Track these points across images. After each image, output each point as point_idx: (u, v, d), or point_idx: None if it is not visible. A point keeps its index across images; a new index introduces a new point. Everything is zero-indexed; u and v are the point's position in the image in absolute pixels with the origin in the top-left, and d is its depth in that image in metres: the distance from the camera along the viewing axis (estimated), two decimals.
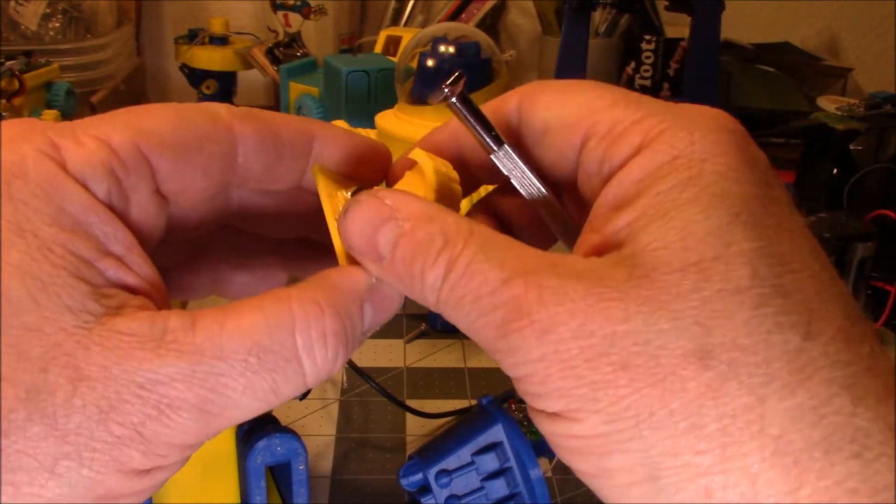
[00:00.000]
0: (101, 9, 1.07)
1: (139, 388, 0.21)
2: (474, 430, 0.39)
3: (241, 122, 0.26)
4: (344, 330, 0.22)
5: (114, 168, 0.23)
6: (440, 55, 0.59)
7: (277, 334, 0.22)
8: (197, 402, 0.21)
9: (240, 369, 0.21)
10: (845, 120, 0.77)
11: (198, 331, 0.21)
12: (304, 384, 0.22)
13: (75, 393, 0.20)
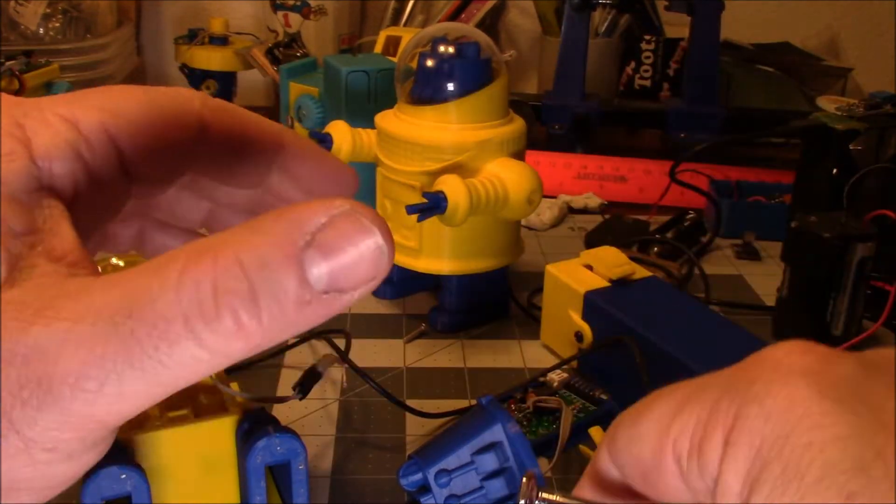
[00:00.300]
0: (101, 9, 1.07)
1: (6, 365, 0.18)
2: (474, 429, 0.39)
3: (212, 113, 0.25)
4: (244, 283, 0.18)
5: (80, 149, 0.22)
6: (440, 55, 0.59)
7: (158, 291, 0.18)
8: (68, 378, 0.18)
9: (111, 334, 0.18)
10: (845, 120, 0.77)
11: (84, 294, 0.19)
12: (206, 353, 0.18)
13: None
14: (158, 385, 0.18)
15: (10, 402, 0.18)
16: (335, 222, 0.19)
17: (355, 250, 0.19)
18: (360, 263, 0.19)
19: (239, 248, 0.18)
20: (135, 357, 0.18)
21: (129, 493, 0.36)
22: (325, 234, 0.19)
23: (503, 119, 0.60)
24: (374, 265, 0.19)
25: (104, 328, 0.18)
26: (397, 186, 0.60)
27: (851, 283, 0.59)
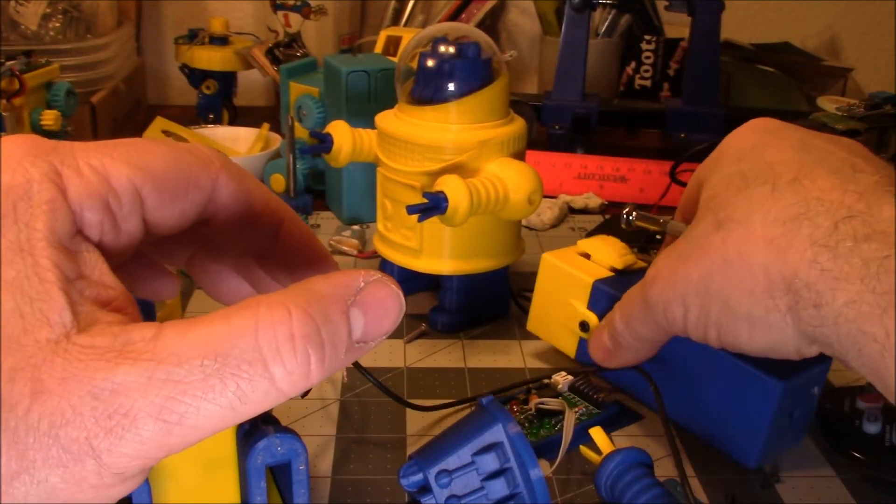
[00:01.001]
0: (101, 9, 1.07)
1: (93, 399, 0.20)
2: (474, 429, 0.39)
3: (227, 176, 0.28)
4: (317, 332, 0.22)
5: (108, 200, 0.24)
6: (440, 55, 0.59)
7: (238, 337, 0.21)
8: (153, 411, 0.21)
9: (198, 374, 0.21)
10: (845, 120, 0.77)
11: (159, 339, 0.21)
12: (276, 390, 0.22)
13: (32, 406, 0.20)
14: (229, 420, 0.21)
15: (95, 431, 0.20)
16: (371, 287, 0.24)
17: (385, 310, 0.24)
18: (386, 321, 0.24)
19: (306, 304, 0.22)
20: (217, 394, 0.21)
21: (129, 492, 0.36)
22: (365, 296, 0.23)
23: (503, 119, 0.60)
24: (395, 321, 0.24)
25: (189, 368, 0.21)
26: (397, 186, 0.60)
27: None
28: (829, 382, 0.59)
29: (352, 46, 1.20)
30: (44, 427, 0.20)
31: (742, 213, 0.36)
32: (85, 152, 0.25)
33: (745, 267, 0.35)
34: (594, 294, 0.53)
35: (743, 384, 0.44)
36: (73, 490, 0.21)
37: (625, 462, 0.43)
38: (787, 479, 0.49)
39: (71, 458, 0.20)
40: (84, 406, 0.20)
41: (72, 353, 0.21)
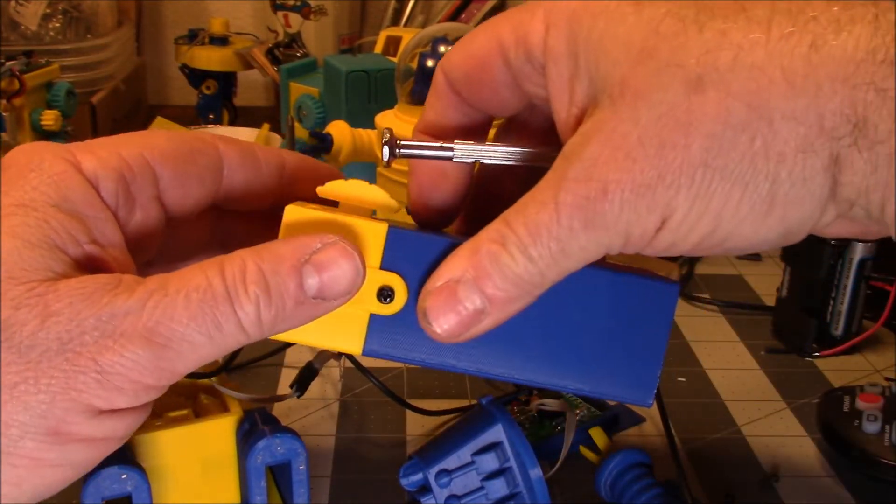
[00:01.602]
0: (101, 9, 1.07)
1: (97, 321, 0.24)
2: (474, 429, 0.39)
3: (224, 143, 0.31)
4: (264, 281, 0.25)
5: (123, 172, 0.28)
6: (440, 55, 0.59)
7: (209, 278, 0.25)
8: (146, 332, 0.24)
9: (182, 303, 0.24)
10: None
11: (146, 281, 0.25)
12: (242, 327, 0.25)
13: (42, 326, 0.23)
14: (207, 349, 0.25)
15: (99, 348, 0.24)
16: (327, 248, 0.26)
17: (339, 269, 0.26)
18: (341, 279, 0.26)
19: (259, 259, 0.26)
20: (198, 323, 0.24)
21: (129, 493, 0.36)
22: (319, 255, 0.26)
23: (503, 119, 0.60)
24: (352, 282, 0.27)
25: (175, 298, 0.24)
26: (397, 186, 0.60)
27: (851, 283, 0.59)
28: (829, 382, 0.59)
29: (352, 46, 1.20)
30: (53, 345, 0.23)
31: (726, 60, 0.23)
32: (97, 141, 0.28)
33: (765, 123, 0.23)
34: (392, 245, 0.30)
35: (629, 301, 0.31)
36: (70, 407, 0.23)
37: (625, 462, 0.43)
38: (787, 479, 0.49)
39: (77, 370, 0.23)
40: (89, 326, 0.24)
41: (77, 284, 0.24)
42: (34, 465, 0.24)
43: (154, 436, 0.38)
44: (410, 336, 0.30)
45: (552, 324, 0.30)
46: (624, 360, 0.31)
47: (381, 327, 0.30)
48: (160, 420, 0.40)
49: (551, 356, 0.30)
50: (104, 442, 0.25)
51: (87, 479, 0.35)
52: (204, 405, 0.42)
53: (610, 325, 0.31)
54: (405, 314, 0.29)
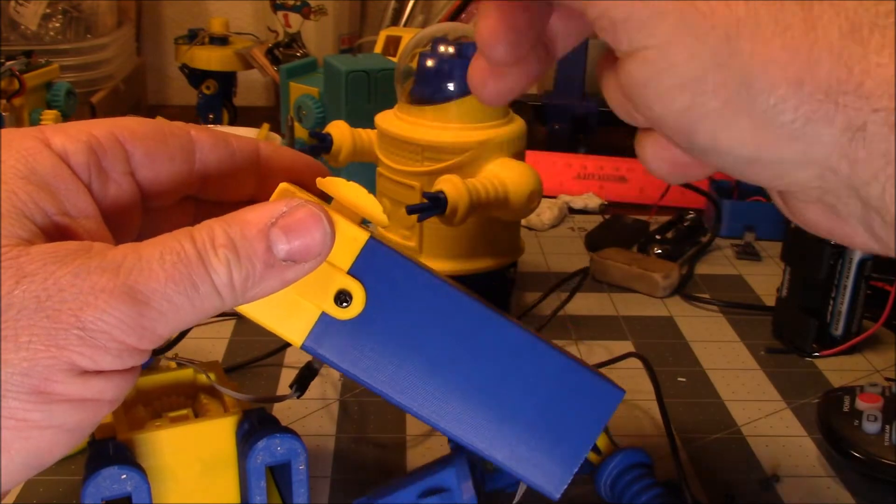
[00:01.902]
0: (101, 9, 1.07)
1: (74, 277, 0.24)
2: (427, 471, 0.39)
3: (196, 129, 0.32)
4: (232, 245, 0.26)
5: (93, 147, 0.28)
6: (440, 55, 0.59)
7: (181, 242, 0.25)
8: (126, 289, 0.24)
9: (157, 264, 0.25)
10: None
11: (118, 248, 0.25)
12: (217, 289, 0.25)
13: (17, 287, 0.23)
14: (188, 312, 0.25)
15: (80, 304, 0.23)
16: (293, 211, 0.27)
17: (307, 231, 0.26)
18: (310, 241, 0.27)
19: (227, 225, 0.26)
20: (176, 283, 0.25)
21: (129, 493, 0.36)
22: (286, 218, 0.26)
23: (503, 119, 0.60)
24: (321, 243, 0.27)
25: (150, 258, 0.25)
26: (397, 186, 0.60)
27: (851, 283, 0.59)
28: (829, 382, 0.59)
29: (352, 46, 1.20)
30: (30, 304, 0.23)
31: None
32: (70, 123, 0.29)
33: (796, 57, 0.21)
34: (367, 254, 0.30)
35: (575, 392, 0.31)
36: (52, 365, 0.23)
37: (625, 462, 0.43)
38: (787, 479, 0.49)
39: (58, 327, 0.23)
40: (66, 283, 0.24)
41: (45, 250, 0.24)
42: (20, 427, 0.23)
43: (154, 436, 0.38)
44: (353, 347, 0.29)
45: (495, 387, 0.30)
46: (549, 447, 0.31)
47: (327, 328, 0.29)
48: (160, 420, 0.40)
49: (483, 418, 0.30)
50: (92, 404, 0.24)
51: (87, 479, 0.35)
52: (204, 405, 0.42)
53: (548, 410, 0.30)
54: (355, 324, 0.29)
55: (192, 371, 0.44)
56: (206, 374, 0.42)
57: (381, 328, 0.30)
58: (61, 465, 0.48)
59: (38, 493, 0.46)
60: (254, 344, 0.61)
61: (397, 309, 0.30)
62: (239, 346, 0.60)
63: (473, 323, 0.30)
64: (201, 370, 0.43)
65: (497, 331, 0.30)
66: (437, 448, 0.50)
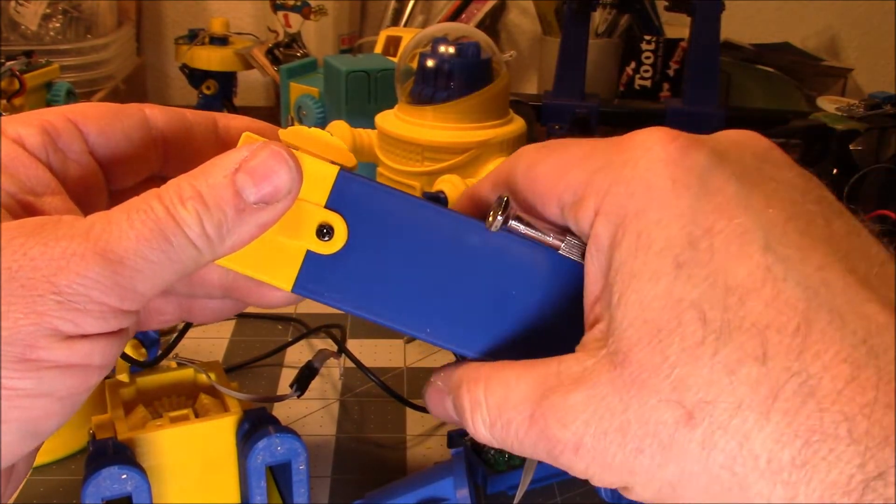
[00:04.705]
0: (101, 9, 1.07)
1: (44, 247, 0.24)
2: (425, 479, 0.39)
3: (149, 107, 0.32)
4: (198, 193, 0.26)
5: (46, 128, 0.29)
6: (440, 55, 0.59)
7: (148, 201, 0.25)
8: (98, 251, 0.24)
9: (127, 223, 0.25)
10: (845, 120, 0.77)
11: (88, 217, 0.25)
12: (191, 241, 0.25)
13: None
14: (167, 270, 0.25)
15: (52, 268, 0.23)
16: (256, 153, 0.26)
17: (271, 169, 0.26)
18: (276, 180, 0.26)
19: (191, 178, 0.26)
20: (147, 241, 0.25)
21: (129, 493, 0.36)
22: (249, 161, 0.26)
23: (503, 119, 0.60)
24: (289, 180, 0.27)
25: (119, 218, 0.25)
26: (397, 186, 0.61)
27: None
28: None
29: (352, 46, 1.20)
30: (3, 274, 0.23)
31: (725, 412, 0.22)
32: (23, 113, 0.29)
33: (742, 492, 0.23)
34: (340, 186, 0.29)
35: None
36: (35, 331, 0.23)
37: None
38: None
39: (34, 294, 0.23)
40: (38, 253, 0.24)
41: (12, 226, 0.24)
42: (11, 397, 0.23)
43: (154, 436, 0.38)
44: (343, 280, 0.29)
45: (492, 292, 0.29)
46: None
47: (315, 267, 0.29)
48: (160, 420, 0.40)
49: (489, 324, 0.30)
50: (81, 369, 0.25)
51: (87, 479, 0.35)
52: (204, 405, 0.42)
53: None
54: (341, 257, 0.29)
55: (193, 371, 0.44)
56: (206, 374, 0.43)
57: (367, 255, 0.29)
58: (61, 465, 0.48)
59: (38, 493, 0.46)
60: (254, 344, 0.61)
61: (380, 233, 0.29)
62: (239, 346, 0.60)
63: (454, 232, 0.29)
64: (201, 370, 0.43)
65: (478, 235, 0.29)
66: (437, 448, 0.50)
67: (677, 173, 0.24)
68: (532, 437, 0.25)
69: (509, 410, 0.26)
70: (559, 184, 0.27)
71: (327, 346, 0.59)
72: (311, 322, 0.63)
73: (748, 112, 1.05)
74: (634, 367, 0.23)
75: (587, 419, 0.24)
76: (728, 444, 0.22)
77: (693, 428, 0.23)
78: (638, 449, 0.23)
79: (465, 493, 0.38)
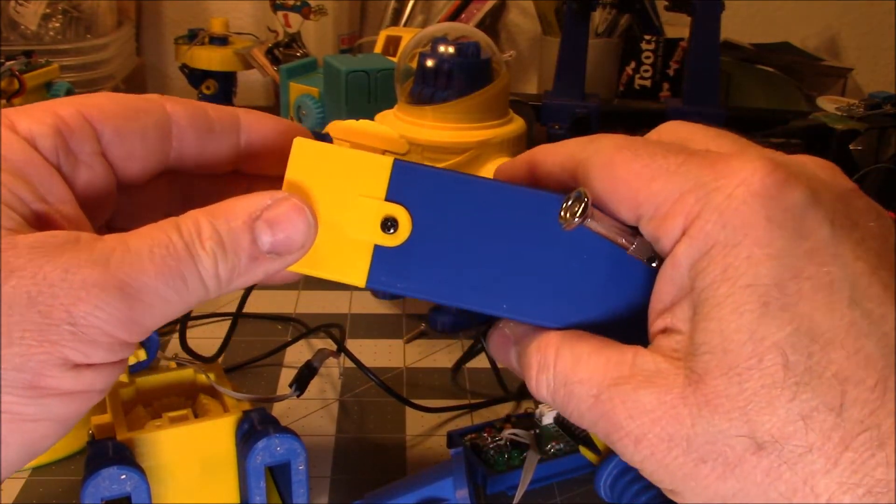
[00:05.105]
0: (101, 9, 1.07)
1: (64, 273, 0.23)
2: (425, 479, 0.39)
3: (172, 102, 0.31)
4: (218, 235, 0.26)
5: (59, 128, 0.27)
6: (440, 55, 0.59)
7: (168, 234, 0.25)
8: (117, 284, 0.24)
9: (147, 257, 0.25)
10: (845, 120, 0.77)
11: (105, 239, 0.25)
12: (203, 281, 0.26)
13: (6, 282, 0.23)
14: (177, 304, 0.25)
15: (71, 299, 0.23)
16: (278, 203, 0.27)
17: (291, 224, 0.27)
18: (293, 234, 0.27)
19: (212, 217, 0.26)
20: (166, 278, 0.25)
21: (129, 493, 0.36)
22: (270, 211, 0.27)
23: (503, 119, 0.60)
24: (305, 236, 0.27)
25: (139, 254, 0.25)
26: None
27: None
28: None
29: (352, 46, 1.20)
30: (21, 299, 0.23)
31: (793, 452, 0.23)
32: (35, 105, 0.28)
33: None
34: (397, 177, 0.30)
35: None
36: (46, 361, 0.23)
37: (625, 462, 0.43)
38: None
39: (50, 323, 0.23)
40: (56, 279, 0.23)
41: (36, 241, 0.24)
42: (15, 421, 0.23)
43: (154, 436, 0.38)
44: (413, 269, 0.30)
45: (561, 265, 0.29)
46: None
47: (384, 260, 0.29)
48: (160, 420, 0.40)
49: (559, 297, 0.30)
50: (84, 395, 0.25)
51: (86, 479, 0.35)
52: (204, 405, 0.42)
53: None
54: (408, 246, 0.29)
55: (192, 371, 0.44)
56: (206, 374, 0.42)
57: (435, 240, 0.29)
58: (61, 465, 0.48)
59: (38, 493, 0.46)
60: (254, 344, 0.61)
61: (444, 217, 0.29)
62: (239, 346, 0.60)
63: (521, 208, 0.29)
64: (201, 370, 0.43)
65: (546, 213, 0.29)
66: (437, 448, 0.50)
67: (773, 212, 0.24)
68: (594, 416, 0.26)
69: (576, 383, 0.27)
70: (641, 192, 0.26)
71: (327, 345, 0.59)
72: (310, 322, 0.63)
73: (748, 112, 1.05)
74: (709, 390, 0.24)
75: (655, 419, 0.25)
76: (792, 478, 0.23)
77: (761, 457, 0.23)
78: (701, 459, 0.24)
79: (465, 493, 0.38)
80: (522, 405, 0.54)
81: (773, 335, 0.23)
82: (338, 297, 0.68)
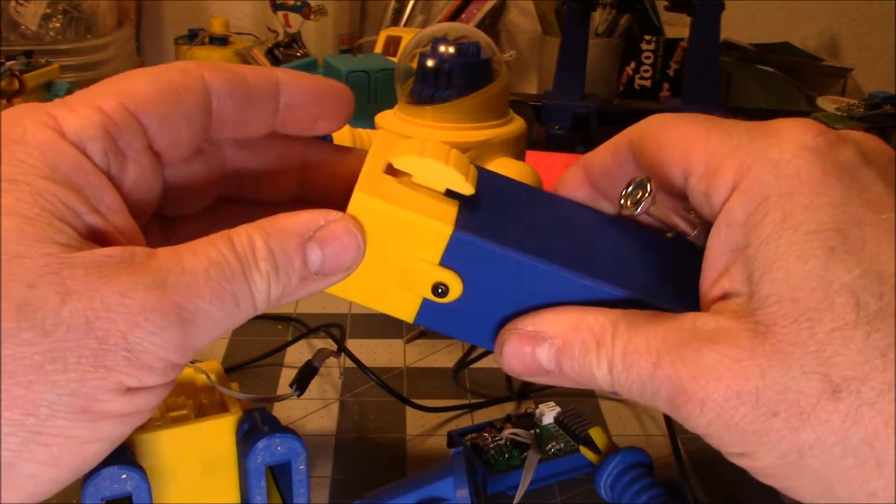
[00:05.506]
0: (101, 9, 1.07)
1: (121, 297, 0.23)
2: (425, 479, 0.39)
3: (210, 72, 0.29)
4: (272, 255, 0.26)
5: (108, 129, 0.26)
6: (440, 55, 0.59)
7: (223, 253, 0.25)
8: (174, 309, 0.24)
9: (203, 280, 0.24)
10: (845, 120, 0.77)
11: (159, 256, 0.25)
12: (255, 303, 0.26)
13: (63, 305, 0.23)
14: (226, 324, 0.25)
15: (129, 325, 0.23)
16: (330, 225, 0.27)
17: (341, 246, 0.27)
18: (342, 256, 0.27)
19: (266, 236, 0.26)
20: (220, 300, 0.25)
21: (129, 493, 0.36)
22: (323, 232, 0.26)
23: (503, 119, 0.60)
24: (353, 258, 0.27)
25: (195, 276, 0.24)
26: None
27: None
28: None
29: (352, 46, 1.20)
30: (79, 323, 0.23)
31: (873, 390, 0.23)
32: (75, 96, 0.27)
33: (877, 469, 0.23)
34: (454, 247, 0.30)
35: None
36: (100, 386, 0.23)
37: (625, 462, 0.43)
38: None
39: (106, 348, 0.23)
40: (115, 303, 0.23)
41: (92, 260, 0.23)
42: (68, 444, 0.23)
43: (154, 436, 0.38)
44: (460, 319, 0.31)
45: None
46: None
47: (433, 308, 0.31)
48: (160, 420, 0.40)
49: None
50: (136, 415, 0.25)
51: (86, 479, 0.35)
52: (204, 405, 0.42)
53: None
54: (457, 304, 0.31)
55: (193, 371, 0.44)
56: (206, 374, 0.42)
57: (484, 299, 0.31)
58: None
59: None
60: (254, 344, 0.61)
61: (495, 284, 0.30)
62: (239, 346, 0.60)
63: (574, 287, 0.30)
64: (201, 370, 0.43)
65: (594, 292, 0.29)
66: (437, 448, 0.50)
67: (828, 166, 0.25)
68: (655, 384, 0.26)
69: (634, 353, 0.26)
70: (691, 152, 0.27)
71: (327, 345, 0.59)
72: (310, 322, 0.63)
73: (748, 112, 1.05)
74: (779, 339, 0.24)
75: (719, 376, 0.24)
76: (873, 419, 0.23)
77: (838, 401, 0.23)
78: (772, 412, 0.24)
79: (465, 493, 0.38)
80: (522, 405, 0.54)
81: (842, 278, 0.23)
82: (338, 297, 0.68)
